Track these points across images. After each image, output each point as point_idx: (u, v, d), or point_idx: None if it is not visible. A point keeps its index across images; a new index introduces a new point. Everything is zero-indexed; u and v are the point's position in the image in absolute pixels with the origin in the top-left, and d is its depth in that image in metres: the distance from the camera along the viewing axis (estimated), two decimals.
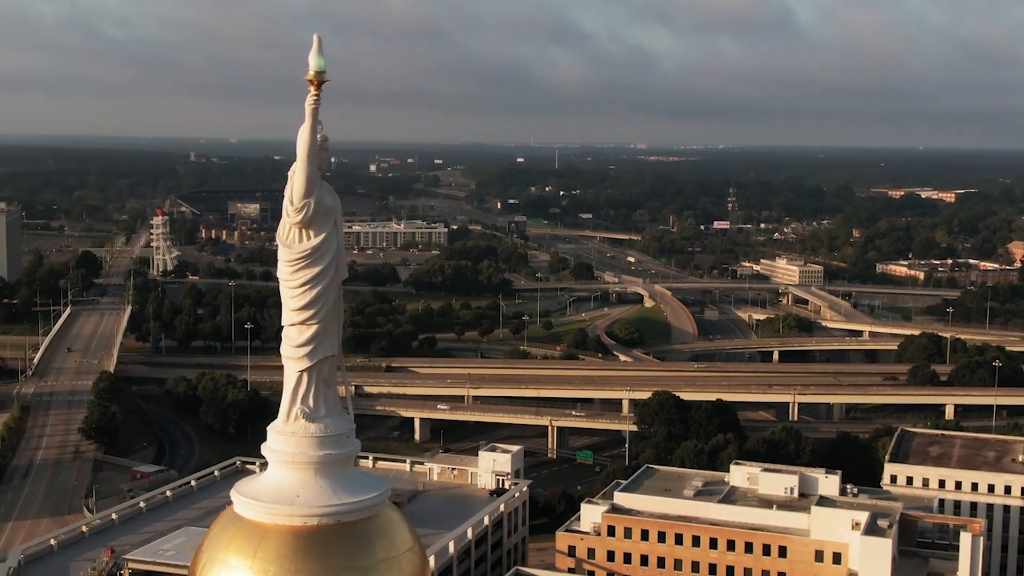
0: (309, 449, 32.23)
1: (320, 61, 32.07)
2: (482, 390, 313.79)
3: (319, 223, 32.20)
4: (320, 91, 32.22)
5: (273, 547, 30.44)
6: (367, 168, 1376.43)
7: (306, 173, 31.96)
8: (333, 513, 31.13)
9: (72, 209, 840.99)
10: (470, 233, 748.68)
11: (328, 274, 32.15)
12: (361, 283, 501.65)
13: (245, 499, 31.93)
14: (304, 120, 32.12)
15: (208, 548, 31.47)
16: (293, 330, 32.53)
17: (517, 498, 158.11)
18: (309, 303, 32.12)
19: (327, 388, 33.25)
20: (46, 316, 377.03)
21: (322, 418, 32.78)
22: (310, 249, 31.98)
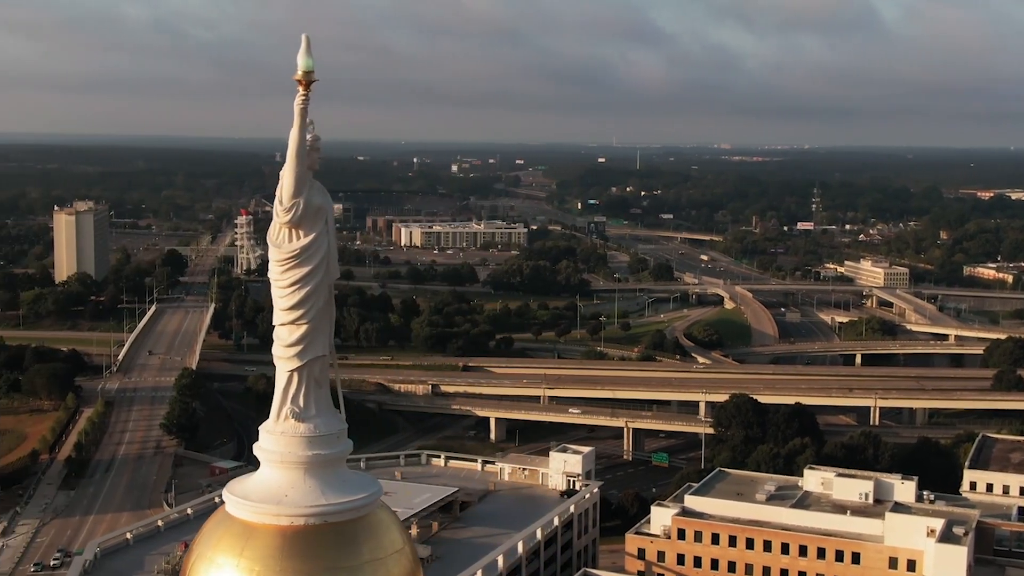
0: (298, 449, 32.18)
1: (308, 61, 32.09)
2: (558, 391, 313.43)
3: (309, 223, 32.12)
4: (309, 91, 32.19)
5: (259, 546, 30.53)
6: (449, 168, 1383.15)
7: (295, 173, 31.90)
8: (320, 513, 31.08)
9: (160, 208, 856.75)
10: (550, 233, 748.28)
11: (318, 274, 32.08)
12: (440, 283, 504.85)
13: (235, 498, 32.03)
14: (293, 120, 32.06)
15: (199, 546, 31.68)
16: (283, 330, 32.52)
17: (588, 499, 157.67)
18: (298, 303, 32.06)
19: (318, 388, 33.17)
20: (132, 313, 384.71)
21: (312, 418, 32.71)
22: (299, 249, 31.92)
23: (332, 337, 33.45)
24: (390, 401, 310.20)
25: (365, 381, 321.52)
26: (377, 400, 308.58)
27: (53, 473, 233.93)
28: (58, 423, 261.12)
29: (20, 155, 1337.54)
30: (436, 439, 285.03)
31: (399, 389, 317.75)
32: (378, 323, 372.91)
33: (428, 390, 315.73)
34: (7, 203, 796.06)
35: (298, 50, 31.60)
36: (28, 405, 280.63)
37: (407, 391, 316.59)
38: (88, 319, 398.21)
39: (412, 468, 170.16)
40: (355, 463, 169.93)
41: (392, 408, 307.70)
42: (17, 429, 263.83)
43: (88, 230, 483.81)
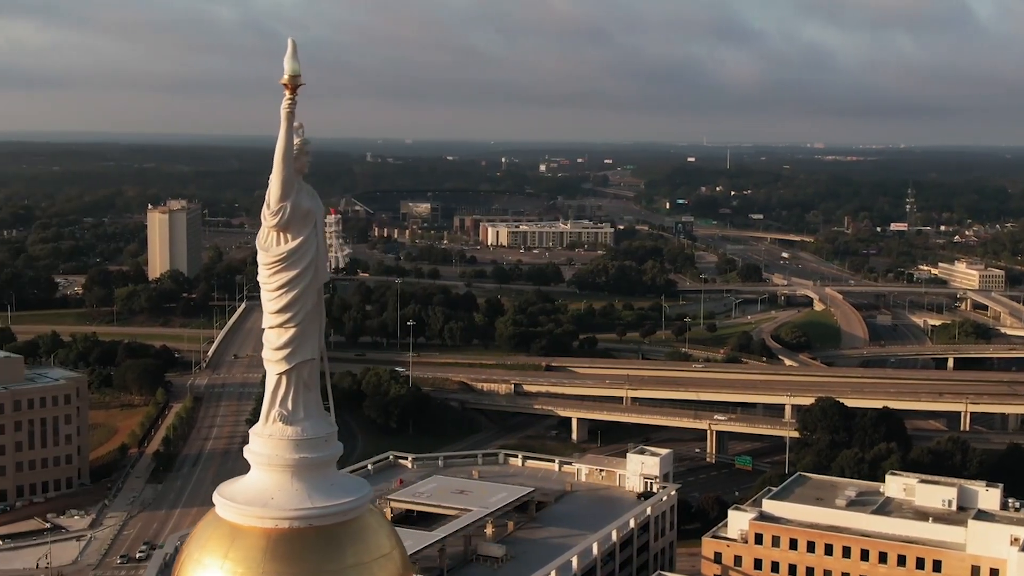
0: (285, 452, 32.31)
1: (294, 65, 32.18)
2: (641, 391, 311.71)
3: (297, 227, 32.24)
4: (295, 95, 32.27)
5: (243, 548, 30.73)
6: (537, 168, 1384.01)
7: (281, 176, 32.05)
8: (305, 516, 31.14)
9: (252, 207, 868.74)
10: (637, 233, 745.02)
11: (305, 278, 32.15)
12: (525, 282, 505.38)
13: (223, 500, 32.31)
14: (280, 123, 32.14)
15: (189, 546, 32.04)
16: (272, 333, 32.66)
17: (665, 502, 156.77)
18: (286, 306, 32.17)
19: (307, 391, 33.20)
20: (222, 311, 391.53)
21: (300, 421, 32.77)
22: (286, 253, 32.06)
23: (322, 341, 33.58)
24: (473, 400, 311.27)
25: (448, 380, 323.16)
26: (460, 399, 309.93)
27: (142, 467, 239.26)
28: (147, 418, 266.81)
29: (117, 155, 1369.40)
30: (518, 438, 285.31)
31: (482, 388, 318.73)
32: (462, 322, 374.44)
33: (511, 389, 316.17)
34: (104, 202, 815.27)
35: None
36: (119, 400, 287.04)
37: (490, 390, 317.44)
38: (180, 316, 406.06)
39: (489, 467, 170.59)
40: (433, 461, 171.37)
41: (475, 407, 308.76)
42: (108, 423, 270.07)
43: (181, 228, 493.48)
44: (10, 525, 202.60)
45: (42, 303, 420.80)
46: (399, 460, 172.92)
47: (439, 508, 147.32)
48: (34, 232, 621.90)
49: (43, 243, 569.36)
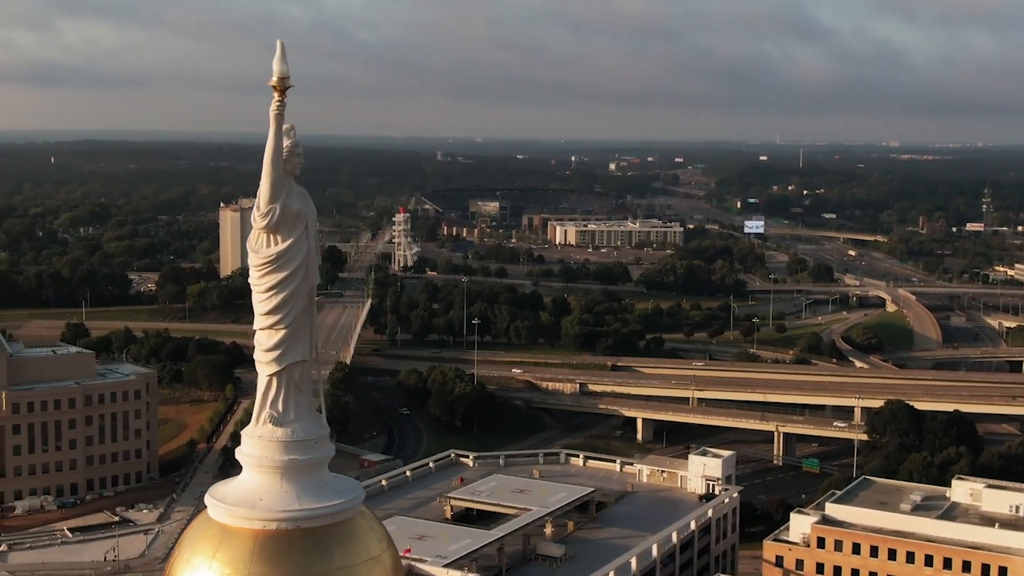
0: (275, 453, 32.27)
1: (283, 67, 32.18)
2: (708, 392, 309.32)
3: (287, 228, 32.22)
4: (284, 97, 32.25)
5: (231, 549, 30.79)
6: (607, 167, 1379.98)
7: (270, 178, 32.02)
8: (292, 518, 31.11)
9: (324, 205, 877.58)
10: (707, 232, 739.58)
11: (295, 279, 32.12)
12: (592, 281, 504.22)
13: (213, 501, 32.37)
14: (269, 125, 32.15)
15: (181, 546, 32.24)
16: (262, 334, 32.72)
17: (727, 504, 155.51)
18: (275, 308, 32.18)
19: (298, 393, 33.17)
20: None
21: (290, 423, 32.72)
22: (275, 254, 32.05)
23: (313, 342, 33.57)
24: (537, 399, 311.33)
25: (513, 378, 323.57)
26: (525, 398, 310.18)
27: (209, 462, 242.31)
28: (216, 413, 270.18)
29: (192, 153, 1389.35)
30: (582, 438, 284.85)
31: (547, 387, 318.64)
32: (528, 321, 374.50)
33: (576, 389, 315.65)
34: (179, 200, 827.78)
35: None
36: (189, 395, 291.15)
37: (555, 389, 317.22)
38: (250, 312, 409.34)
39: (550, 467, 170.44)
40: (494, 460, 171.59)
41: (539, 406, 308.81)
42: (178, 418, 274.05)
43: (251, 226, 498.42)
44: (80, 518, 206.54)
45: (116, 300, 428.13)
46: (460, 458, 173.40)
47: (499, 507, 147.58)
48: (110, 230, 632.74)
49: (118, 240, 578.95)
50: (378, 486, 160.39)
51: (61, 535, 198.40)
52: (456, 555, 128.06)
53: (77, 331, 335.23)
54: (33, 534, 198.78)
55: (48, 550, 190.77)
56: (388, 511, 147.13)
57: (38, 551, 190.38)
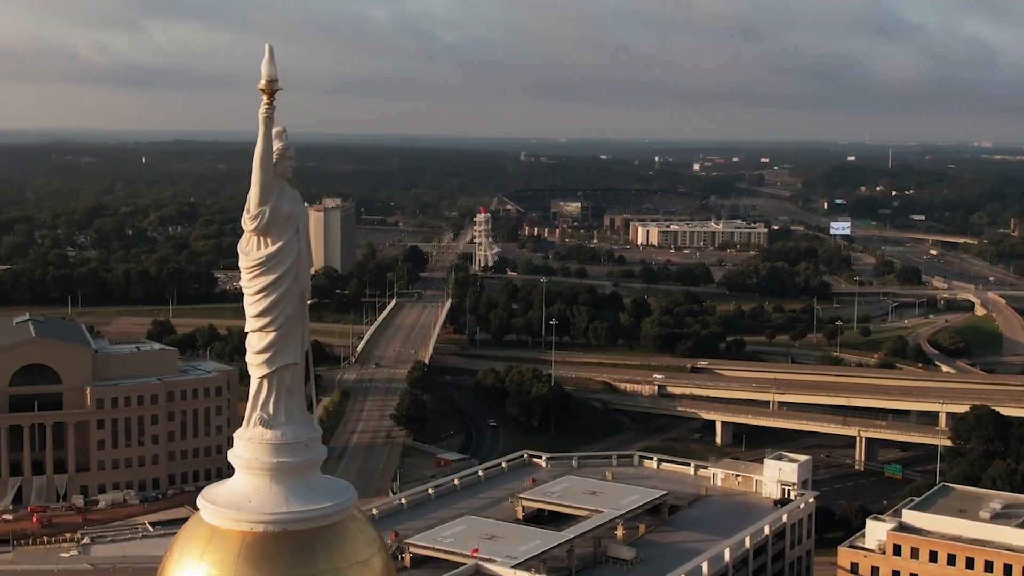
0: (264, 456, 32.30)
1: (271, 70, 32.16)
2: (789, 396, 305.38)
3: (277, 231, 32.17)
4: (273, 100, 32.24)
5: (218, 550, 30.89)
6: (691, 167, 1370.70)
7: (259, 181, 32.04)
8: (279, 521, 31.09)
9: (408, 205, 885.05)
10: (792, 234, 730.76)
11: (284, 282, 32.06)
12: (673, 283, 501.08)
13: (204, 502, 32.52)
14: (259, 126, 32.14)
15: (173, 545, 32.42)
16: (253, 337, 32.74)
17: (802, 509, 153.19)
18: (265, 310, 32.16)
19: (289, 396, 33.13)
20: (373, 307, 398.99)
21: (280, 425, 32.69)
22: (264, 257, 32.03)
23: (305, 346, 33.60)
24: (615, 400, 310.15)
25: (591, 379, 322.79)
26: (602, 399, 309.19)
27: None
28: None
29: None
30: (660, 440, 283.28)
31: (625, 388, 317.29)
32: (607, 322, 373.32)
33: (654, 391, 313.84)
34: None
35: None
36: None
37: (633, 391, 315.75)
38: (332, 311, 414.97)
39: (623, 469, 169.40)
40: (567, 461, 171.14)
41: (617, 407, 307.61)
42: None
43: (335, 226, 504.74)
44: (161, 512, 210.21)
45: (202, 297, 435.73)
46: (533, 459, 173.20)
47: (570, 508, 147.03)
48: (197, 228, 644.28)
49: (205, 239, 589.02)
50: (450, 485, 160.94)
51: (142, 529, 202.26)
52: (525, 556, 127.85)
53: (163, 328, 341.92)
54: (115, 527, 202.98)
55: (130, 543, 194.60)
56: (459, 510, 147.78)
57: (120, 544, 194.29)
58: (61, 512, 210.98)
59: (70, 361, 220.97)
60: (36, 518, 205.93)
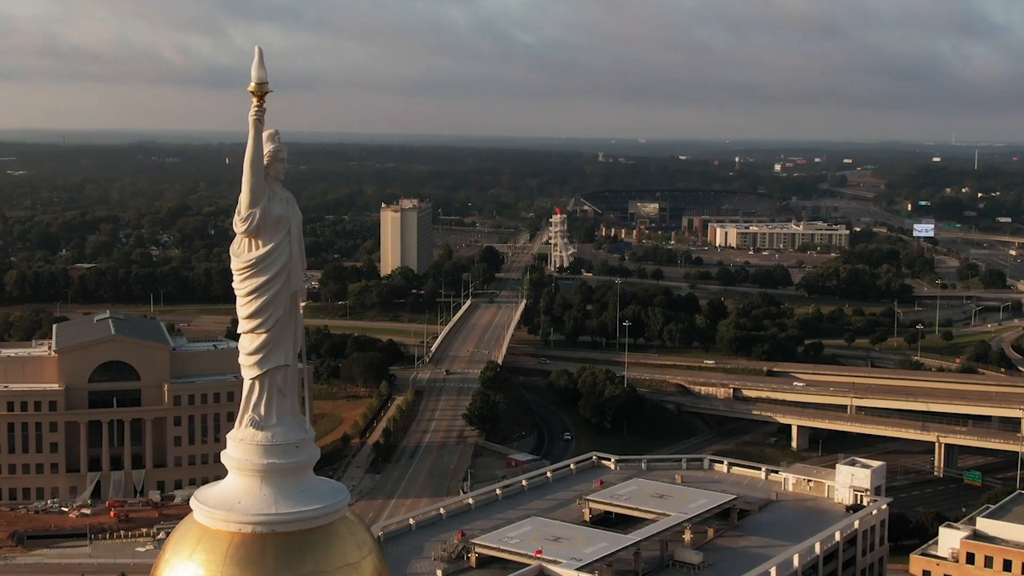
0: (254, 457, 32.31)
1: (261, 73, 32.07)
2: (867, 400, 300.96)
3: (268, 233, 32.14)
4: (263, 102, 32.17)
5: (206, 550, 30.98)
6: (772, 167, 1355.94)
7: (250, 184, 32.04)
8: (267, 522, 31.07)
9: (485, 206, 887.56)
10: (874, 236, 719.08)
11: (275, 284, 32.02)
12: (751, 285, 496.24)
13: (196, 502, 32.64)
14: (249, 129, 32.13)
15: (167, 544, 32.59)
16: (245, 338, 32.76)
17: (875, 516, 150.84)
18: (255, 312, 32.14)
19: (281, 397, 33.11)
20: (447, 307, 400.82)
21: (272, 427, 32.69)
22: (255, 259, 32.01)
23: (298, 347, 33.65)
24: (689, 403, 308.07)
25: (666, 381, 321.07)
26: (676, 401, 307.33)
27: (362, 457, 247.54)
28: (370, 409, 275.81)
29: (359, 154, 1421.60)
30: (734, 444, 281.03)
31: (700, 391, 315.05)
32: (683, 324, 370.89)
33: (729, 394, 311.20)
34: (346, 200, 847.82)
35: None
36: (346, 391, 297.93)
37: (708, 394, 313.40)
38: (408, 311, 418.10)
39: (693, 472, 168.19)
40: (636, 464, 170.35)
41: (691, 410, 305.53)
42: (334, 413, 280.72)
43: (412, 226, 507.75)
44: None
45: None
46: (602, 461, 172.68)
47: (637, 511, 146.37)
48: None
49: None
50: (518, 486, 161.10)
51: None
52: (591, 558, 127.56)
53: None
54: None
55: None
56: (527, 511, 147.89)
57: None
58: (138, 507, 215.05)
59: (149, 358, 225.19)
60: (114, 513, 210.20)
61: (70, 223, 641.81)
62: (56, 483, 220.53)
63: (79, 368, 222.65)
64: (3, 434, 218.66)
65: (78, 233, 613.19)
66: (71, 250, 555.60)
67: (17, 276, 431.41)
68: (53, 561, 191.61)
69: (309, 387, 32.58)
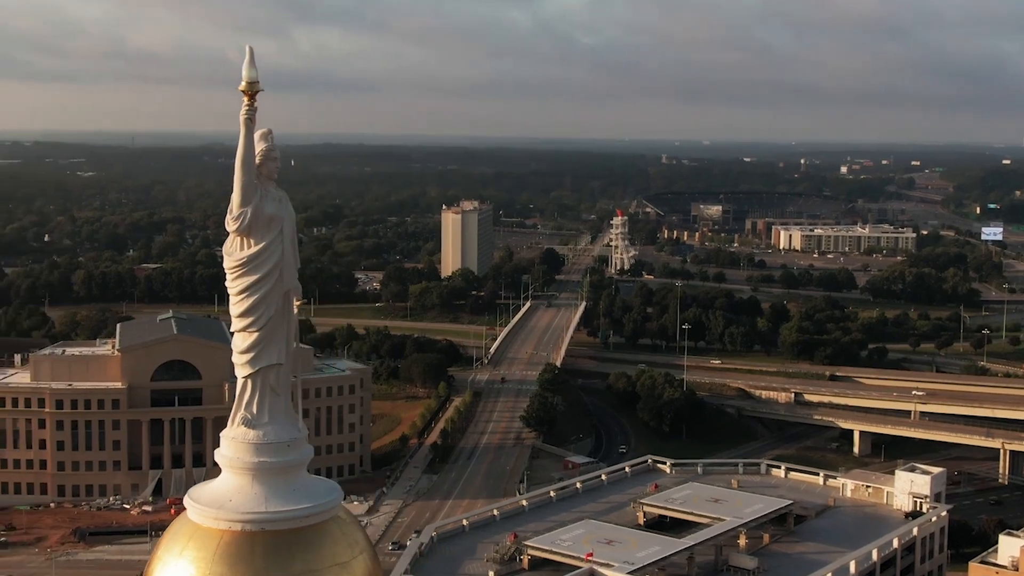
0: (245, 455, 32.29)
1: (252, 72, 31.96)
2: (931, 406, 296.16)
3: (259, 232, 32.09)
4: (254, 102, 32.07)
5: (196, 548, 31.03)
6: (837, 170, 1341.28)
7: (241, 183, 32.03)
8: (257, 520, 31.03)
9: (546, 208, 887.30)
10: (941, 239, 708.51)
11: (267, 283, 31.94)
12: (814, 288, 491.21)
13: (189, 500, 32.72)
14: (240, 128, 32.09)
15: (160, 541, 32.73)
16: (238, 337, 32.73)
17: (934, 523, 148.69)
18: (247, 311, 32.09)
19: (274, 396, 33.03)
20: (507, 309, 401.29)
21: (263, 425, 32.63)
22: (246, 258, 31.98)
23: (291, 347, 33.58)
24: (750, 407, 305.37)
25: (726, 385, 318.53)
26: (736, 405, 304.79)
27: (420, 457, 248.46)
28: (428, 410, 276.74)
29: (422, 156, 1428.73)
30: (795, 449, 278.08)
31: (760, 395, 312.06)
32: (744, 327, 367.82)
33: (791, 398, 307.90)
34: (408, 201, 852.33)
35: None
36: (404, 392, 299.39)
37: (769, 398, 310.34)
38: (468, 313, 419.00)
39: (750, 477, 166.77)
40: (692, 468, 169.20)
41: (751, 414, 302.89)
42: (393, 414, 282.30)
43: (472, 228, 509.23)
44: None
45: (343, 297, 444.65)
46: (658, 465, 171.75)
47: (692, 515, 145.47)
48: (341, 230, 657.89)
49: (348, 240, 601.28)
50: (573, 488, 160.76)
51: None
52: (643, 562, 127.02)
53: (304, 327, 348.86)
54: None
55: None
56: (580, 514, 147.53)
57: None
58: None
59: (210, 358, 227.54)
60: (174, 510, 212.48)
61: (138, 224, 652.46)
62: (118, 480, 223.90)
63: (142, 367, 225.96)
64: (67, 432, 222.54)
65: (145, 234, 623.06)
66: (138, 250, 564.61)
67: (85, 276, 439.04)
68: (114, 557, 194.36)
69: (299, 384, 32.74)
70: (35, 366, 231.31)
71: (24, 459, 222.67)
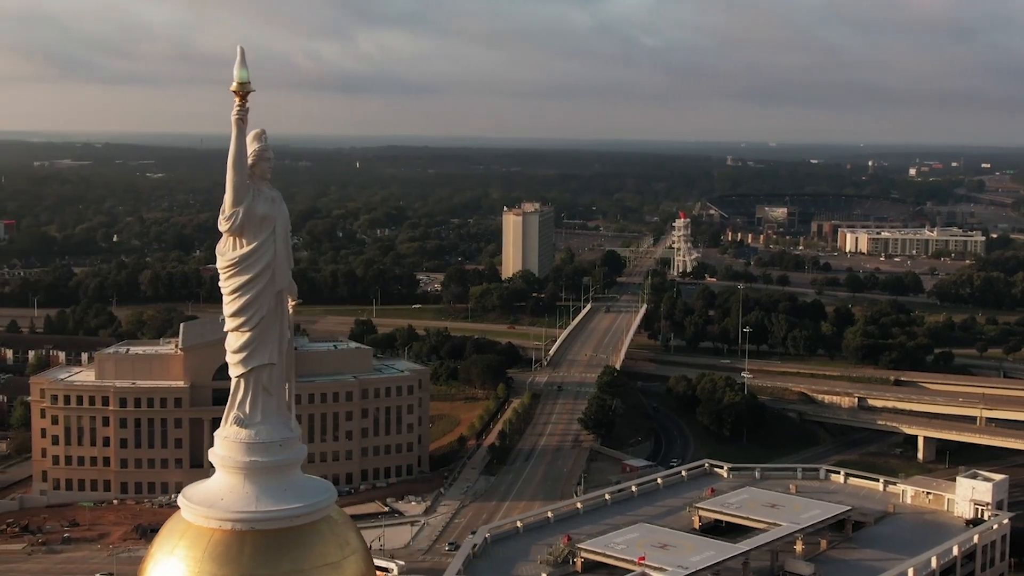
0: (237, 454, 32.25)
1: (243, 73, 31.90)
2: (998, 412, 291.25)
3: (251, 232, 32.04)
4: (245, 102, 31.98)
5: (188, 546, 31.10)
6: (906, 172, 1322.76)
7: (233, 183, 32.02)
8: (247, 519, 31.01)
9: (609, 210, 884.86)
10: (1011, 242, 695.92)
11: (259, 283, 31.88)
12: (880, 292, 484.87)
13: (182, 499, 32.78)
14: (232, 128, 32.01)
15: (155, 540, 32.81)
16: (231, 337, 32.71)
17: (995, 531, 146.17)
18: (239, 310, 32.06)
19: (267, 396, 32.94)
20: (567, 310, 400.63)
21: (255, 425, 32.56)
22: (238, 258, 31.96)
23: (284, 347, 33.52)
24: (812, 412, 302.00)
25: (788, 389, 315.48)
26: (798, 410, 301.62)
27: (477, 459, 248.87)
28: (487, 411, 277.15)
29: (485, 158, 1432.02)
30: (858, 454, 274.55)
31: (823, 400, 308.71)
32: (807, 331, 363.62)
33: (854, 403, 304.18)
34: (471, 203, 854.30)
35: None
36: (463, 393, 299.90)
37: (831, 402, 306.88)
38: (528, 314, 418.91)
39: (808, 482, 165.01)
40: (749, 472, 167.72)
41: (814, 419, 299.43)
42: (452, 415, 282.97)
43: (533, 230, 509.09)
44: (353, 507, 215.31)
45: (404, 298, 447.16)
46: (715, 469, 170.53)
47: (748, 520, 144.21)
48: (403, 231, 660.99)
49: (410, 242, 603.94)
50: (628, 492, 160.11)
51: None
52: (697, 566, 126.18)
53: (365, 328, 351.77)
54: None
55: None
56: (635, 517, 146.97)
57: None
58: None
59: None
60: None
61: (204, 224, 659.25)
62: (179, 478, 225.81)
63: (204, 366, 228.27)
64: (130, 430, 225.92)
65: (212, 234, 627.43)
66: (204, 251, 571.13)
67: (151, 276, 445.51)
68: None
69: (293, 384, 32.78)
70: (100, 365, 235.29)
71: (88, 456, 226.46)
